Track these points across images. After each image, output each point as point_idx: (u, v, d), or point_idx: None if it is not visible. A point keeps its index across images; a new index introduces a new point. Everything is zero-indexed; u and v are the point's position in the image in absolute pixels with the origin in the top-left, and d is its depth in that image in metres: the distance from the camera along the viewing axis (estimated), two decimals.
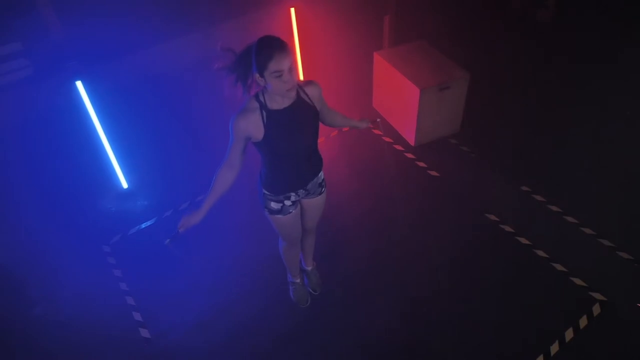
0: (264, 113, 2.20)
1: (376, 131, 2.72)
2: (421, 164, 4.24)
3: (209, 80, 5.06)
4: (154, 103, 4.86)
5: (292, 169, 2.44)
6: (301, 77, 4.69)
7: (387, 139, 4.51)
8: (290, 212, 2.60)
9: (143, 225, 3.89)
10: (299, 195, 2.58)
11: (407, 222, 3.76)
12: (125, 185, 4.16)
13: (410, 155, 4.32)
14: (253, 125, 2.21)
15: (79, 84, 3.55)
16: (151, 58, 5.00)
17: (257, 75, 2.11)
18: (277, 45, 2.06)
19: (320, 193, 2.67)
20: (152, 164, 4.36)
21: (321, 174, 2.60)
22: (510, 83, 4.98)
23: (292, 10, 4.29)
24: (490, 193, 3.94)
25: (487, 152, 4.30)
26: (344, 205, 3.90)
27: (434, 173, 4.15)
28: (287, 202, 2.55)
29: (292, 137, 2.28)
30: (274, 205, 2.55)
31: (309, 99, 2.31)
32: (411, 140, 4.38)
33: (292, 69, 2.09)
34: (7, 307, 3.40)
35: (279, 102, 2.22)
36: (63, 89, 3.71)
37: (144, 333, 3.19)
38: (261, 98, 2.22)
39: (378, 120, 2.87)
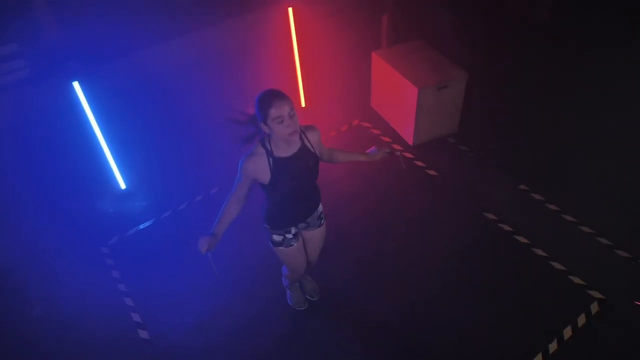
0: (271, 160, 2.33)
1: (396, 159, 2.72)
2: (420, 164, 4.24)
3: (207, 81, 5.09)
4: (152, 103, 4.85)
5: (293, 206, 2.58)
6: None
7: (386, 139, 4.51)
8: (292, 245, 2.72)
9: (141, 226, 3.88)
10: (299, 229, 2.71)
11: (406, 221, 3.76)
12: (123, 186, 4.15)
13: (408, 155, 4.32)
14: (260, 170, 2.34)
15: (76, 85, 3.55)
16: (148, 58, 4.99)
17: (262, 124, 2.26)
18: (275, 94, 2.22)
19: (320, 225, 2.78)
20: (150, 164, 4.35)
21: (320, 207, 2.72)
22: (508, 82, 4.99)
23: (290, 10, 4.29)
24: (489, 192, 3.94)
25: (485, 151, 4.31)
26: (343, 205, 3.90)
27: (432, 172, 4.16)
28: (289, 235, 2.67)
29: (295, 181, 2.43)
30: (276, 237, 2.67)
31: (311, 145, 2.43)
32: (409, 139, 4.38)
33: (292, 114, 2.22)
34: (6, 308, 3.40)
35: (284, 149, 2.34)
36: (60, 89, 3.70)
37: (143, 334, 3.18)
38: (267, 145, 2.34)
39: (398, 153, 2.82)
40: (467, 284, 3.32)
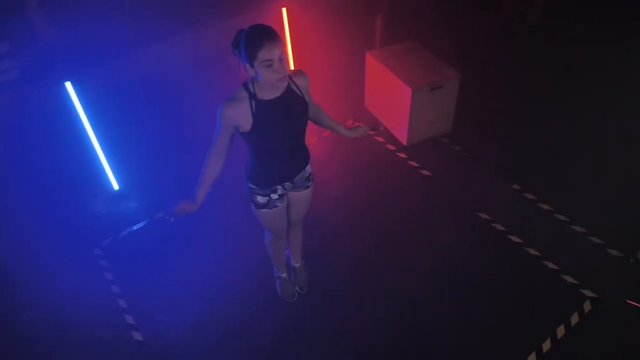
0: (253, 103, 2.16)
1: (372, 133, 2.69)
2: (413, 164, 4.25)
3: (199, 81, 5.07)
4: (145, 104, 4.82)
5: (279, 161, 2.40)
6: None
7: (380, 139, 4.51)
8: (276, 206, 2.57)
9: (134, 228, 3.86)
10: (285, 189, 2.55)
11: (399, 222, 3.76)
12: (116, 187, 4.12)
13: (402, 155, 4.33)
14: (241, 115, 2.17)
15: (68, 85, 3.52)
16: (142, 59, 4.96)
17: (247, 65, 2.08)
18: (266, 34, 2.02)
19: (307, 187, 2.63)
20: (143, 165, 4.33)
21: (308, 167, 2.57)
22: (501, 83, 5.01)
23: (284, 10, 4.28)
24: (482, 192, 3.96)
25: (478, 151, 4.32)
26: (336, 205, 3.90)
27: (426, 172, 4.17)
28: (274, 196, 2.52)
29: (281, 128, 2.25)
30: (260, 199, 2.52)
31: (299, 89, 2.28)
32: (403, 139, 4.39)
33: (283, 58, 2.05)
34: None
35: (268, 92, 2.18)
36: (52, 90, 3.67)
37: (137, 336, 3.17)
38: (250, 87, 2.18)
39: (382, 128, 2.81)
40: (460, 284, 3.33)
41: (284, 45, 2.03)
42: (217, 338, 3.12)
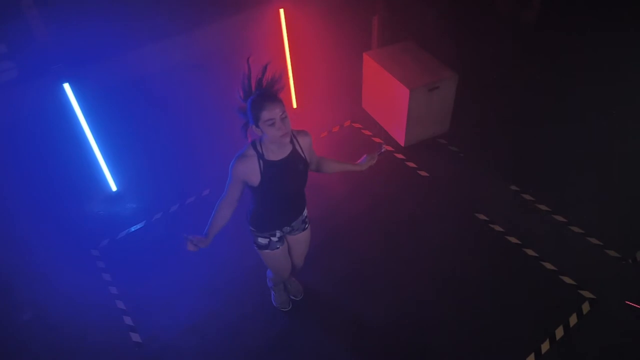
0: (261, 162, 2.32)
1: (378, 140, 2.75)
2: (411, 164, 4.25)
3: (198, 82, 5.06)
4: (143, 105, 4.82)
5: (279, 210, 2.59)
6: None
7: (377, 140, 4.52)
8: (277, 248, 2.71)
9: (132, 229, 3.86)
10: (283, 232, 2.71)
11: (397, 222, 3.76)
12: (114, 188, 4.12)
13: (400, 156, 4.34)
14: (251, 172, 2.33)
15: (66, 86, 3.51)
16: (140, 59, 4.96)
17: (254, 126, 2.26)
18: (268, 96, 2.22)
19: (304, 229, 2.77)
20: (141, 166, 4.32)
21: (305, 212, 2.71)
22: (498, 83, 5.02)
23: (282, 11, 4.28)
24: (480, 193, 3.96)
25: (476, 151, 4.33)
26: (334, 207, 3.90)
27: (423, 173, 4.17)
28: (274, 239, 2.68)
29: (285, 185, 2.43)
30: (261, 240, 2.67)
31: (302, 150, 2.43)
32: (401, 140, 4.39)
33: (285, 117, 2.21)
34: None
35: (275, 152, 2.34)
36: (50, 91, 3.66)
37: (135, 337, 3.16)
38: (258, 148, 2.34)
39: (383, 149, 2.90)
40: (458, 285, 3.34)
41: (285, 106, 2.23)
42: (215, 339, 3.12)
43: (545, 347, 2.99)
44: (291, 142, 2.37)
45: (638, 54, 5.17)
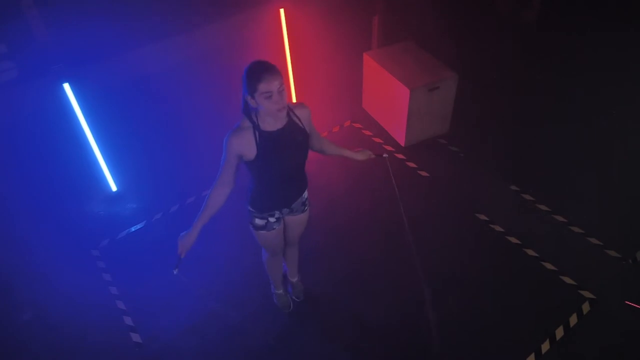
0: (257, 133, 2.25)
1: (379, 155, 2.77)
2: (411, 164, 4.25)
3: (198, 82, 5.06)
4: (143, 105, 4.82)
5: (279, 188, 2.51)
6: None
7: (377, 139, 4.51)
8: (274, 229, 2.67)
9: (132, 229, 3.85)
10: (282, 213, 2.66)
11: (397, 223, 3.76)
12: (114, 188, 4.12)
13: (400, 156, 4.33)
14: (246, 144, 2.26)
15: (66, 87, 3.51)
16: (140, 59, 4.95)
17: (249, 97, 2.18)
18: (265, 68, 2.14)
19: (304, 211, 2.73)
20: (141, 166, 4.32)
21: (305, 193, 2.67)
22: (498, 83, 5.02)
23: (282, 11, 4.28)
24: (480, 193, 3.96)
25: (476, 152, 4.33)
26: (335, 207, 3.90)
27: (423, 173, 4.17)
28: (272, 219, 2.62)
29: (283, 158, 2.35)
30: (258, 221, 2.62)
31: (300, 121, 2.36)
32: (401, 140, 4.39)
33: (282, 90, 2.15)
34: None
35: (270, 123, 2.27)
36: (50, 91, 3.66)
37: (135, 337, 3.16)
38: (254, 118, 2.27)
39: (385, 155, 2.87)
40: (459, 285, 3.34)
41: (283, 77, 2.15)
42: (215, 339, 3.12)
43: (545, 347, 2.99)
44: (287, 114, 2.30)
45: (638, 54, 5.17)
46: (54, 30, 4.59)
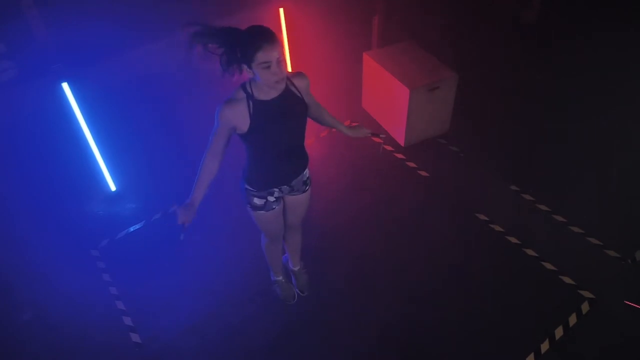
0: (251, 103, 2.15)
1: (376, 139, 2.65)
2: (411, 164, 4.25)
3: (197, 82, 5.06)
4: (142, 104, 4.82)
5: (277, 164, 2.38)
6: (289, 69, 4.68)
7: (377, 140, 4.50)
8: (273, 209, 2.54)
9: (132, 229, 3.85)
10: (282, 192, 2.52)
11: (397, 223, 3.76)
12: (113, 188, 4.12)
13: (400, 156, 4.33)
14: (239, 115, 2.16)
15: (65, 86, 3.51)
16: (138, 59, 4.95)
17: (245, 66, 2.06)
18: (265, 36, 2.00)
19: (305, 191, 2.60)
20: (140, 166, 4.32)
21: (306, 172, 2.55)
22: (498, 83, 5.02)
23: (281, 10, 4.28)
24: (480, 193, 3.96)
25: (476, 152, 4.33)
26: (334, 206, 3.90)
27: (423, 173, 4.17)
28: (271, 198, 2.49)
29: (279, 129, 2.23)
30: (257, 201, 2.49)
31: (298, 90, 2.26)
32: (401, 140, 4.39)
33: (281, 60, 2.03)
34: None
35: (266, 92, 2.17)
36: (49, 91, 3.66)
37: (135, 338, 3.16)
38: (248, 88, 2.17)
39: (382, 136, 2.76)
40: (458, 285, 3.34)
41: (282, 47, 2.02)
42: (215, 339, 3.12)
43: (545, 347, 2.99)
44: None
45: (638, 54, 5.18)
46: (53, 30, 4.58)
